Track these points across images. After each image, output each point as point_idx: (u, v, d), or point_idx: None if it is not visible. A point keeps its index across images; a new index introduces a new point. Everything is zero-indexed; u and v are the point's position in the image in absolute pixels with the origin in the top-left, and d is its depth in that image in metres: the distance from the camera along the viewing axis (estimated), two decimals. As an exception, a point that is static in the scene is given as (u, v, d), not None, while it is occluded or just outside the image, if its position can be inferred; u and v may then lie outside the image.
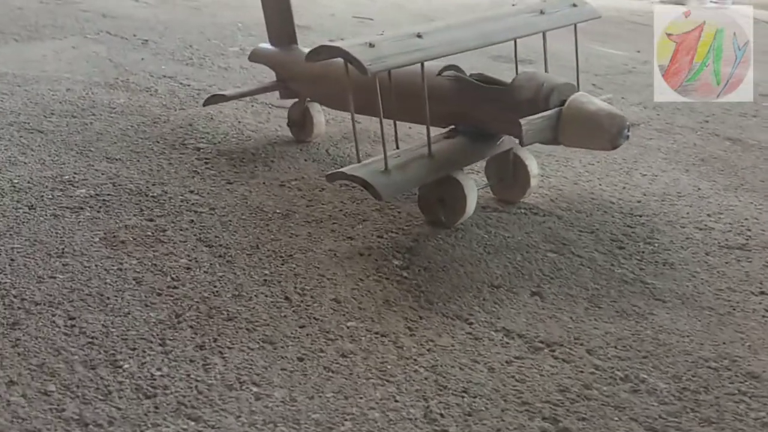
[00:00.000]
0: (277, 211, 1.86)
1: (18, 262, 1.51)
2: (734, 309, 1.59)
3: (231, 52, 3.46)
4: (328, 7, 4.88)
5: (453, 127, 1.91)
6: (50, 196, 1.81)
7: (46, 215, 1.71)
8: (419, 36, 1.67)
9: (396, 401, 1.19)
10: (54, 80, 2.75)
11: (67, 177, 1.93)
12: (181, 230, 1.71)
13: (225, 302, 1.43)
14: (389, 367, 1.28)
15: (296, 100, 2.33)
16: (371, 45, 1.58)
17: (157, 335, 1.31)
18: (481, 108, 1.83)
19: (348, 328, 1.39)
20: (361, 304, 1.48)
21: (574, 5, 2.06)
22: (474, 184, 1.84)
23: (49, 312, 1.35)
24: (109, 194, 1.86)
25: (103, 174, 1.97)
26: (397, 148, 1.79)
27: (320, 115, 2.31)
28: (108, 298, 1.41)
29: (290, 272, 1.57)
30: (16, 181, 1.88)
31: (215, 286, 1.48)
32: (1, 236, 1.60)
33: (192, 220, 1.76)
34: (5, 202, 1.75)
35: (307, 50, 2.27)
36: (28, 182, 1.88)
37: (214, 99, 2.21)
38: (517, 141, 1.92)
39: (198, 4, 4.65)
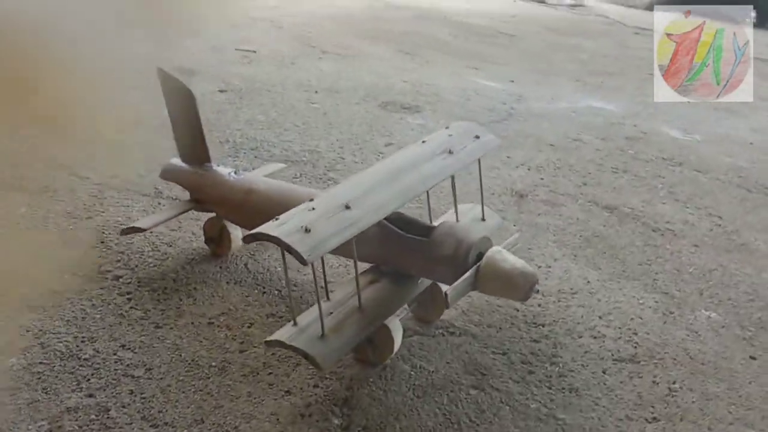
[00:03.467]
0: (213, 364, 1.92)
1: (-29, 482, 1.51)
2: (633, 443, 1.82)
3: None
4: (209, 39, 4.80)
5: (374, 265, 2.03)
6: (-20, 374, 1.79)
7: (-17, 404, 1.70)
8: (348, 207, 1.77)
9: None
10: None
11: (-11, 342, 1.90)
12: (123, 407, 1.74)
13: (188, 508, 1.50)
14: None
15: (212, 215, 2.36)
16: (307, 230, 1.66)
17: None
18: (402, 256, 1.96)
19: None
20: (314, 487, 1.59)
21: (477, 137, 2.20)
22: (399, 324, 1.97)
23: None
24: (41, 362, 1.85)
25: (28, 331, 1.96)
26: (327, 298, 1.89)
27: (237, 230, 2.36)
28: None
29: (241, 453, 1.66)
30: (-62, 354, 1.84)
31: (174, 486, 1.55)
32: (-58, 443, 1.59)
33: (131, 391, 1.80)
34: (-65, 391, 1.72)
35: (221, 169, 2.33)
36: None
37: (131, 230, 2.21)
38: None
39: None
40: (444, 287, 2.04)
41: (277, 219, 1.73)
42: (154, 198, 2.72)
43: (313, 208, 1.75)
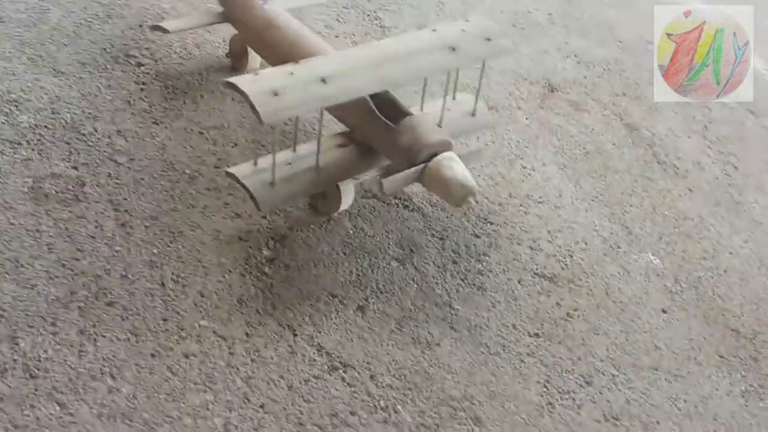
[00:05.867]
0: (186, 171, 2.22)
1: (-42, 210, 1.90)
2: (504, 349, 2.07)
3: None
4: None
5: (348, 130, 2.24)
6: (-4, 123, 2.15)
7: (-12, 150, 2.07)
8: (324, 81, 1.94)
9: (207, 410, 1.70)
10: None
11: (14, 95, 2.24)
12: (97, 186, 2.08)
13: (112, 284, 1.87)
14: (216, 374, 1.77)
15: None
16: (276, 94, 1.86)
17: (51, 314, 1.76)
18: (369, 132, 2.15)
19: (199, 327, 1.86)
20: (219, 301, 1.93)
21: (488, 39, 2.26)
22: (352, 188, 2.21)
23: (-27, 275, 1.78)
24: (46, 126, 2.19)
25: (46, 95, 2.28)
26: (294, 149, 2.12)
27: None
28: (22, 266, 1.83)
29: (174, 254, 1.99)
30: (-31, 95, 2.19)
31: (109, 264, 1.91)
32: (-52, 172, 1.97)
33: (109, 174, 2.13)
34: (-44, 126, 2.09)
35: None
36: (-20, 99, 2.19)
37: (157, 28, 2.44)
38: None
39: None
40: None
41: (256, 74, 1.93)
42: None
43: (292, 73, 1.94)
